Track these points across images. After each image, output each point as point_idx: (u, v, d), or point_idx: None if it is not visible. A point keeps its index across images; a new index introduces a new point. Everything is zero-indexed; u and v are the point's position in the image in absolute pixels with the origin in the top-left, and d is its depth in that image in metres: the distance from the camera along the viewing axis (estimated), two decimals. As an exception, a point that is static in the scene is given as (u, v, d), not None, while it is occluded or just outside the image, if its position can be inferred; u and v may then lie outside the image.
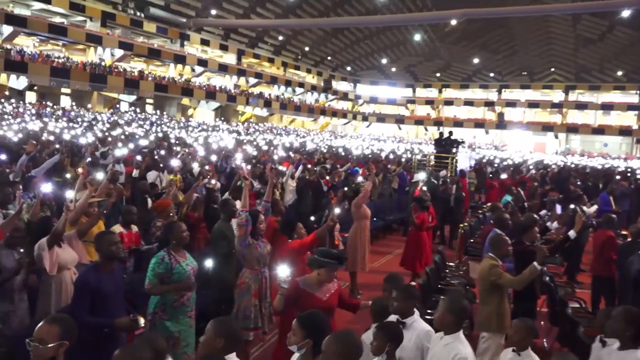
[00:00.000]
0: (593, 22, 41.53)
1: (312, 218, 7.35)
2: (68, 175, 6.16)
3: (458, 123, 51.35)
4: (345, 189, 7.79)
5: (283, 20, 42.27)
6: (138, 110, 35.88)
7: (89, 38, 33.20)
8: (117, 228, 4.95)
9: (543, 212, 7.31)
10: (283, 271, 3.46)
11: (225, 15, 41.04)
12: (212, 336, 2.45)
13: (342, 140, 34.69)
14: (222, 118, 41.49)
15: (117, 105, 37.15)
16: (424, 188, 8.31)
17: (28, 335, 3.57)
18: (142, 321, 3.32)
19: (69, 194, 4.21)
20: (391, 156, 15.56)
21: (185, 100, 40.76)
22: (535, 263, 4.00)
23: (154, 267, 3.73)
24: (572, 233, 4.79)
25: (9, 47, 28.84)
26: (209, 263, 4.09)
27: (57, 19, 33.57)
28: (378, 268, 8.25)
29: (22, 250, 3.90)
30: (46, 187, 4.50)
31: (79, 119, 26.38)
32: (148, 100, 39.81)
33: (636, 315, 3.07)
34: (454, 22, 37.07)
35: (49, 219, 4.21)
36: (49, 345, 2.26)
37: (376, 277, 7.53)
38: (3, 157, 6.37)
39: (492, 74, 51.83)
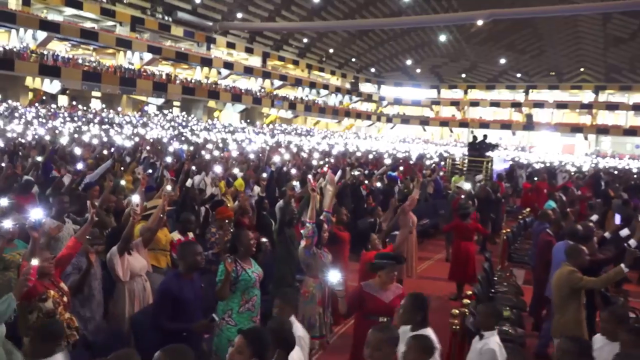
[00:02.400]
0: (624, 20, 40.59)
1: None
2: (122, 182, 6.27)
3: (484, 124, 50.70)
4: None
5: (308, 23, 42.42)
6: (166, 112, 36.52)
7: (119, 42, 33.90)
8: (176, 235, 5.06)
9: (594, 217, 7.17)
10: (334, 276, 3.53)
11: (250, 19, 41.40)
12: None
13: (368, 142, 34.63)
14: (248, 120, 41.84)
15: (145, 108, 37.82)
16: (465, 194, 8.20)
17: (106, 341, 3.72)
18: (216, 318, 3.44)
19: (135, 198, 4.33)
20: (427, 162, 15.38)
21: (212, 103, 41.23)
22: (622, 265, 4.01)
23: (220, 275, 3.82)
24: (632, 242, 4.73)
25: (44, 52, 29.61)
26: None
27: (88, 24, 34.35)
28: (421, 274, 8.22)
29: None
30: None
31: (111, 122, 26.97)
32: (175, 103, 40.40)
33: None
34: (480, 22, 36.66)
35: (120, 228, 4.32)
36: None
37: (420, 282, 7.54)
38: (80, 166, 6.49)
39: (519, 75, 51.06)
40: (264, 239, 5.05)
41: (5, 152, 8.18)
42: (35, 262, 3.00)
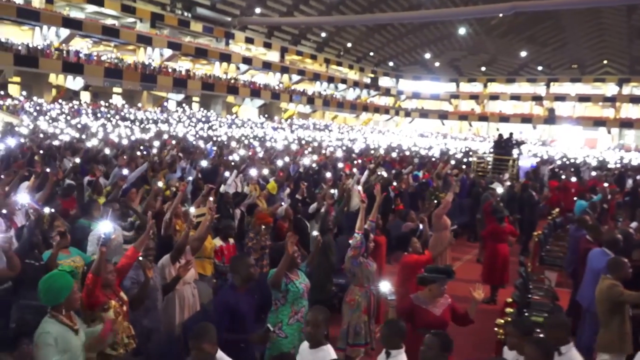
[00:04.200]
0: (649, 12, 39.64)
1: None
2: (160, 184, 6.36)
3: (504, 118, 50.17)
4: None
5: (326, 17, 42.27)
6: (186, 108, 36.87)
7: (140, 39, 34.22)
8: (217, 241, 5.15)
9: (634, 224, 7.06)
10: (385, 286, 3.57)
11: (269, 14, 41.41)
12: None
13: (388, 138, 34.50)
14: (266, 115, 41.98)
15: (165, 104, 38.19)
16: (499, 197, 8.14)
17: (160, 348, 3.81)
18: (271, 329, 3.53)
19: (192, 210, 4.42)
20: (452, 161, 15.21)
21: (230, 98, 41.43)
22: None
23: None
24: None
25: (67, 48, 30.04)
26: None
27: (109, 21, 34.72)
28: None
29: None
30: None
31: (134, 118, 27.32)
32: (194, 99, 40.71)
33: None
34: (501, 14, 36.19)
35: (169, 237, 4.41)
36: None
37: (453, 285, 7.52)
38: (125, 172, 6.59)
39: (540, 68, 50.25)
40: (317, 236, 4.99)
41: (43, 156, 8.31)
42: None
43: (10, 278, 3.68)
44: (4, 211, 4.74)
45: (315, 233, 4.45)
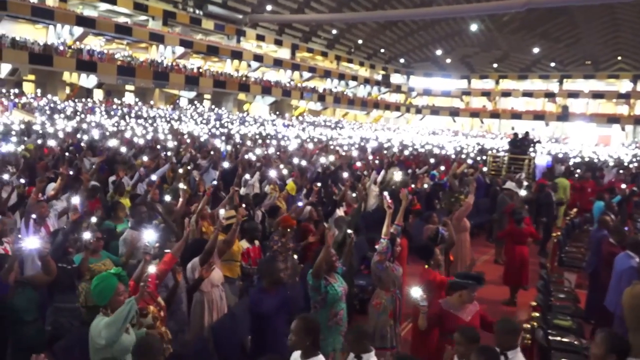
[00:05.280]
0: (665, 7, 39.05)
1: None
2: (181, 185, 6.42)
3: (516, 115, 49.82)
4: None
5: (337, 14, 42.15)
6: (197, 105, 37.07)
7: (152, 37, 34.40)
8: (244, 244, 5.19)
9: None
10: (416, 291, 3.59)
11: (280, 11, 41.40)
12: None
13: (400, 135, 34.41)
14: (277, 112, 42.05)
15: (177, 101, 38.40)
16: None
17: (190, 351, 3.87)
18: None
19: (222, 212, 4.48)
20: (469, 159, 15.09)
21: (242, 96, 41.54)
22: None
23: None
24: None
25: (81, 47, 30.28)
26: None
27: (121, 19, 34.93)
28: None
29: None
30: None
31: (147, 116, 27.51)
32: (206, 96, 40.87)
33: None
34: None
35: (198, 240, 4.46)
36: None
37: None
38: (154, 177, 6.67)
39: (553, 64, 49.77)
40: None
41: (67, 159, 8.40)
42: (153, 269, 3.19)
43: (47, 282, 3.75)
44: (33, 216, 4.82)
45: (349, 231, 4.49)
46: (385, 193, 4.50)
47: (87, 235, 4.04)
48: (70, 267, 4.03)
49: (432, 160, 12.77)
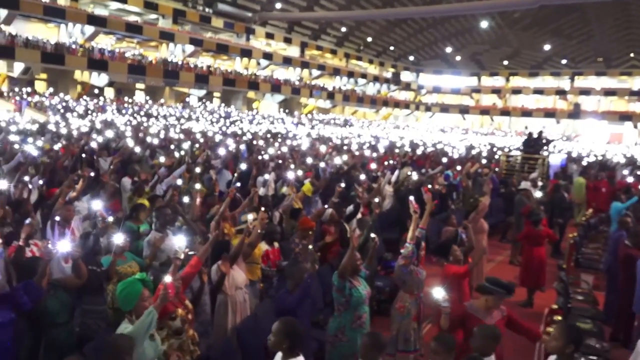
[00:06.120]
0: (679, 3, 38.55)
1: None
2: (197, 186, 6.46)
3: (526, 113, 49.49)
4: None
5: (346, 12, 42.05)
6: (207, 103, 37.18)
7: (162, 35, 34.55)
8: (263, 246, 5.23)
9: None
10: (438, 292, 3.60)
11: (289, 8, 41.38)
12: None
13: (410, 133, 34.30)
14: (286, 110, 42.09)
15: (187, 100, 38.55)
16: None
17: (216, 353, 3.90)
18: None
19: (250, 217, 4.52)
20: (482, 159, 14.95)
21: (251, 94, 41.60)
22: None
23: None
24: None
25: (92, 45, 30.49)
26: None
27: (132, 18, 35.10)
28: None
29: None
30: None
31: (157, 115, 27.66)
32: (215, 94, 41.00)
33: None
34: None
35: (223, 243, 4.50)
36: None
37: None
38: (179, 182, 6.71)
39: (564, 61, 49.33)
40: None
41: (85, 160, 8.46)
42: (169, 278, 3.23)
43: (77, 286, 3.81)
44: (57, 218, 4.88)
45: (373, 235, 4.51)
46: (411, 198, 4.49)
47: (118, 239, 4.09)
48: (99, 269, 4.09)
49: (444, 160, 12.69)
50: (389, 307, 4.98)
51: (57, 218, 4.87)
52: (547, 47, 47.17)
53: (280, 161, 10.53)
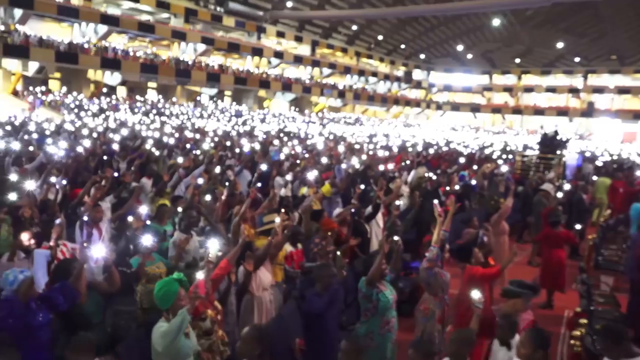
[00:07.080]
0: (695, -1, 38.00)
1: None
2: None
3: (538, 111, 49.10)
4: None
5: (357, 10, 41.99)
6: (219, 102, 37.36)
7: (174, 34, 34.74)
8: (287, 247, 5.26)
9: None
10: (475, 294, 3.61)
11: (300, 7, 41.40)
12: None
13: (422, 132, 34.18)
14: (297, 109, 42.14)
15: (199, 98, 38.72)
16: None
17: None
18: None
19: (277, 219, 4.56)
20: (499, 159, 14.79)
21: (262, 92, 41.70)
22: None
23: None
24: None
25: (105, 44, 30.73)
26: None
27: (144, 17, 35.32)
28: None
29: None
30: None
31: (169, 113, 27.83)
32: (226, 93, 41.15)
33: None
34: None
35: (248, 244, 4.54)
36: None
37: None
38: (201, 181, 6.75)
39: (577, 59, 48.87)
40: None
41: (107, 161, 8.54)
42: (201, 275, 3.28)
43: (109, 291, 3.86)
44: (85, 218, 4.94)
45: (396, 238, 4.52)
46: (435, 201, 4.50)
47: (147, 242, 4.15)
48: (129, 271, 4.15)
49: (462, 160, 12.61)
50: (410, 308, 5.00)
51: (85, 218, 4.93)
52: (559, 44, 46.75)
53: (297, 161, 10.55)
